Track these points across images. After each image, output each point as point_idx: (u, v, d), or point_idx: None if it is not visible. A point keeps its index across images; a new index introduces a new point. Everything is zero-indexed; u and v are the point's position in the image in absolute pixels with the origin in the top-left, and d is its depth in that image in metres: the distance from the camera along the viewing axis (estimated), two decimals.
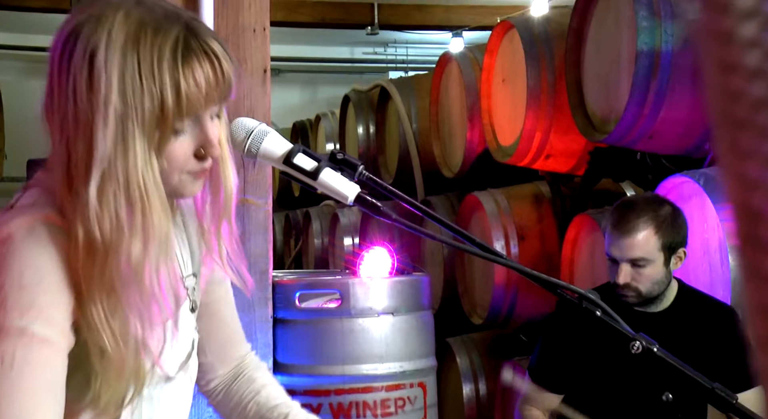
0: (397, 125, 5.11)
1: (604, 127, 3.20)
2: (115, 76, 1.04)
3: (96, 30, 1.06)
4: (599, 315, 1.10)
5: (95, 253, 1.06)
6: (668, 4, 2.91)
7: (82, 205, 1.05)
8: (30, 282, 1.04)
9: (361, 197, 1.18)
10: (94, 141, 1.04)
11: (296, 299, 2.22)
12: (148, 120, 1.05)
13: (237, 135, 1.19)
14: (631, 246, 2.24)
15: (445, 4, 7.47)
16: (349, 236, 5.73)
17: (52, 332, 1.06)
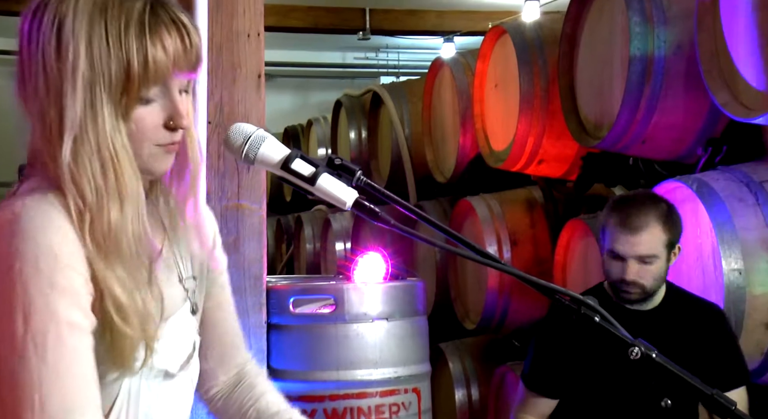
0: (389, 130, 5.11)
1: (597, 132, 3.21)
2: (82, 43, 1.07)
3: (63, 0, 1.09)
4: (598, 320, 1.10)
5: (84, 219, 1.08)
6: (661, 10, 2.92)
7: (66, 175, 1.08)
8: (47, 264, 1.05)
9: (359, 203, 1.18)
10: (64, 107, 1.07)
11: (290, 304, 2.21)
12: (115, 85, 1.07)
13: (235, 140, 1.19)
14: (641, 242, 2.26)
15: (437, 10, 7.48)
16: (341, 241, 5.72)
17: (78, 314, 1.07)
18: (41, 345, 1.04)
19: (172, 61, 1.10)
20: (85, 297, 1.07)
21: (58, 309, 1.05)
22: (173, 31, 1.11)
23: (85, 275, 1.08)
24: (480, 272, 4.01)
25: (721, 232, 2.54)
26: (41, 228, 1.06)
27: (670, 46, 2.91)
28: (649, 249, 2.26)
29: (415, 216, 1.18)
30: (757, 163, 2.77)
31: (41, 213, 1.07)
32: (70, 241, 1.07)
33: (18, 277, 1.04)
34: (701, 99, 2.88)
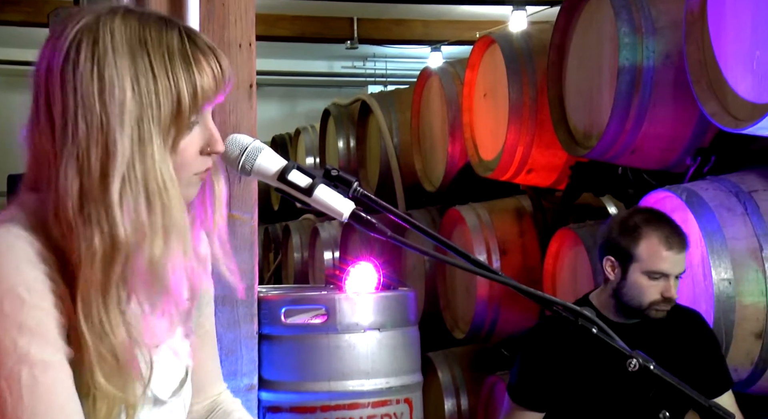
0: (378, 139, 5.12)
1: (586, 141, 3.22)
2: (127, 79, 1.05)
3: (97, 36, 1.06)
4: (596, 332, 1.10)
5: (115, 257, 1.04)
6: (649, 21, 2.94)
7: (100, 212, 1.04)
8: (11, 307, 1.02)
9: (356, 214, 1.18)
10: (111, 146, 1.04)
11: (282, 315, 2.20)
12: (165, 117, 1.06)
13: (231, 151, 1.18)
14: (684, 259, 2.28)
15: (424, 19, 7.51)
16: (329, 250, 5.71)
17: (49, 352, 1.04)
18: (15, 388, 1.01)
19: (214, 89, 1.10)
20: (54, 332, 1.04)
21: (29, 351, 1.02)
22: (211, 58, 1.11)
23: (54, 310, 1.04)
24: (469, 281, 4.02)
25: (711, 242, 2.55)
26: (5, 268, 1.03)
27: (658, 56, 2.92)
28: (685, 265, 2.29)
29: (413, 229, 1.18)
30: (745, 172, 2.79)
31: (7, 250, 1.03)
32: (38, 282, 1.03)
33: None
34: (690, 109, 2.90)
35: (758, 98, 2.46)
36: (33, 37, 6.03)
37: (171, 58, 1.07)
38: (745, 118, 2.47)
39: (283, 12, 6.87)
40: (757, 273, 2.53)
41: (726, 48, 2.60)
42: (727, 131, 2.62)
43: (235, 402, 1.43)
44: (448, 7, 7.07)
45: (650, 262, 2.26)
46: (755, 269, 2.53)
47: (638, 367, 1.06)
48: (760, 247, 2.54)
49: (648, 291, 2.27)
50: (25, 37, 6.48)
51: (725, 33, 2.60)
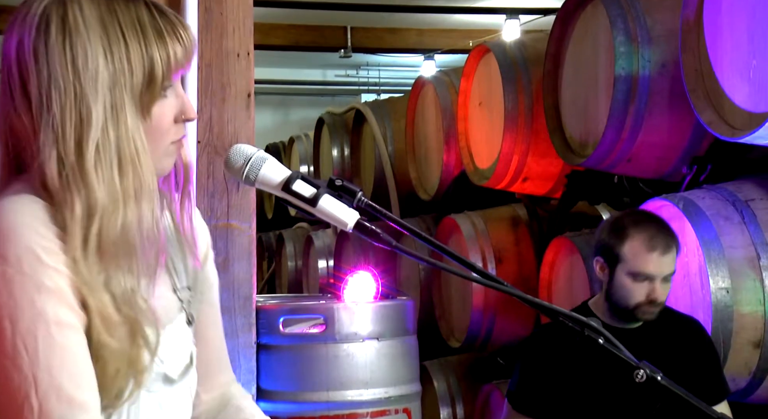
0: (372, 148, 5.12)
1: (582, 150, 3.22)
2: (99, 47, 1.08)
3: (66, 10, 1.09)
4: (602, 342, 1.09)
5: (90, 225, 1.07)
6: (645, 30, 2.95)
7: (77, 177, 1.07)
8: (29, 265, 1.04)
9: (360, 224, 1.17)
10: (85, 113, 1.07)
11: (280, 324, 2.19)
12: (137, 85, 1.09)
13: (235, 162, 1.18)
14: (671, 261, 2.26)
15: (417, 28, 7.52)
16: (323, 259, 5.70)
17: (66, 312, 1.05)
18: (32, 346, 1.03)
19: (184, 54, 1.13)
20: (71, 294, 1.06)
21: (45, 309, 1.04)
22: (180, 27, 1.14)
23: (68, 271, 1.06)
24: (465, 290, 4.01)
25: (708, 251, 2.56)
26: (21, 228, 1.05)
27: (654, 65, 2.93)
28: (673, 267, 2.27)
29: (420, 239, 1.17)
30: (741, 181, 2.80)
31: (20, 214, 1.06)
32: (52, 242, 1.06)
33: (2, 279, 1.03)
34: (686, 118, 2.91)
35: (755, 107, 2.46)
36: None
37: (142, 26, 1.10)
38: (742, 127, 2.48)
39: (278, 21, 6.87)
40: (755, 282, 2.53)
41: (722, 57, 2.61)
42: (724, 140, 2.63)
43: (246, 397, 1.43)
44: (442, 15, 7.08)
45: (634, 263, 2.25)
46: (753, 278, 2.53)
47: (645, 378, 1.06)
48: (757, 256, 2.55)
49: (633, 292, 2.26)
50: None
51: (721, 42, 2.61)
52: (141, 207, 1.09)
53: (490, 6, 6.78)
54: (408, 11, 6.79)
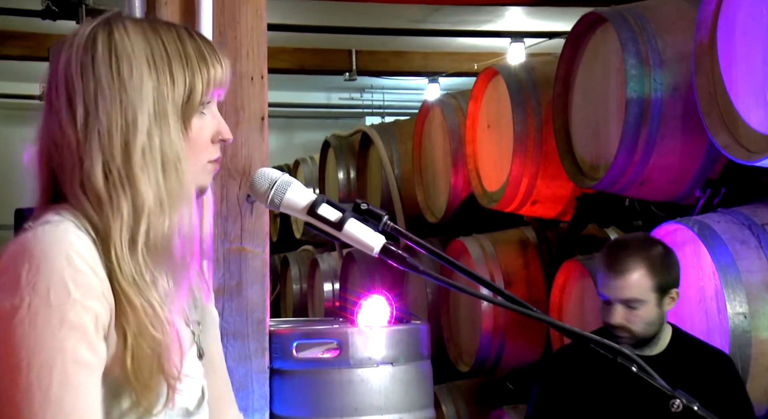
0: (378, 170, 5.10)
1: (593, 173, 3.21)
2: (143, 60, 1.12)
3: (112, 29, 1.14)
4: (635, 370, 1.07)
5: (140, 222, 1.10)
6: (656, 53, 2.95)
7: (124, 180, 1.10)
8: (57, 297, 1.04)
9: (387, 248, 1.15)
10: (132, 119, 1.11)
11: (293, 349, 2.17)
12: (178, 97, 1.13)
13: (260, 186, 1.17)
14: (624, 286, 2.22)
15: (422, 51, 7.54)
16: (329, 282, 5.67)
17: (85, 351, 1.05)
18: (46, 381, 1.02)
19: (223, 78, 1.18)
20: (94, 332, 1.06)
21: (65, 346, 1.03)
22: (218, 52, 1.19)
23: (97, 307, 1.06)
24: (474, 314, 3.98)
25: (725, 275, 2.53)
26: (54, 258, 1.05)
27: (666, 88, 2.92)
28: (633, 293, 2.22)
29: (445, 263, 1.15)
30: (756, 205, 2.77)
31: (56, 242, 1.06)
32: (86, 270, 1.06)
33: (27, 310, 1.03)
34: (698, 140, 2.89)
35: None
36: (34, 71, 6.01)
37: (183, 46, 1.15)
38: (758, 151, 2.46)
39: (284, 45, 6.89)
40: None
41: (736, 80, 2.60)
42: (738, 163, 2.61)
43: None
44: (447, 39, 7.11)
45: (599, 286, 2.28)
46: None
47: (682, 408, 1.03)
48: None
49: (603, 315, 2.27)
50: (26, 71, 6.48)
51: (735, 65, 2.60)
52: (182, 211, 1.12)
53: (495, 29, 6.80)
54: (413, 34, 6.81)
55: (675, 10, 3.08)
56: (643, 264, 2.23)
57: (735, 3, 2.60)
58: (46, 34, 6.05)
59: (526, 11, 6.43)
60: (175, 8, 2.30)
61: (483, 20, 6.66)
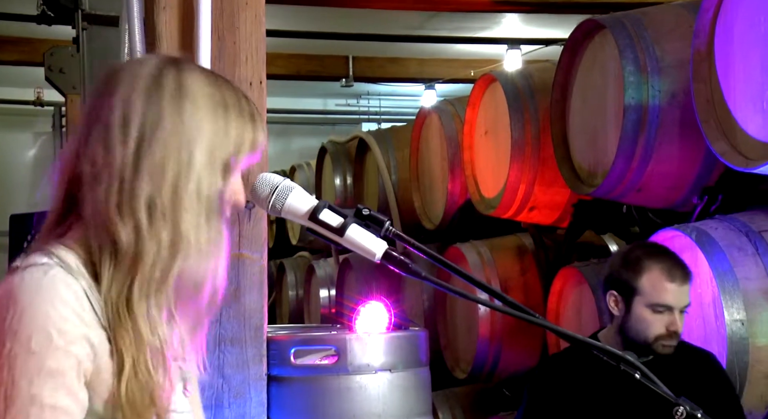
0: (375, 176, 5.10)
1: (591, 180, 3.21)
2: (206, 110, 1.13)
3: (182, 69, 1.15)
4: (638, 377, 1.06)
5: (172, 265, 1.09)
6: (654, 60, 2.95)
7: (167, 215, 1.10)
8: (39, 346, 1.04)
9: (389, 254, 1.15)
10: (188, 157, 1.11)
11: (291, 355, 2.15)
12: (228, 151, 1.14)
13: (261, 191, 1.16)
14: (687, 293, 2.26)
15: (419, 58, 7.55)
16: (325, 288, 5.66)
17: (64, 398, 1.05)
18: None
19: (260, 144, 1.18)
20: (75, 378, 1.06)
21: (42, 393, 1.03)
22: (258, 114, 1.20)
23: (80, 352, 1.06)
24: (470, 320, 3.98)
25: (723, 282, 2.53)
26: (39, 306, 1.04)
27: (664, 95, 2.93)
28: (689, 298, 2.26)
29: (447, 269, 1.15)
30: (754, 212, 2.78)
31: (42, 291, 1.06)
32: (72, 317, 1.05)
33: (7, 356, 1.03)
34: (696, 147, 2.90)
35: None
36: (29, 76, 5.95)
37: (241, 107, 1.15)
38: (757, 158, 2.47)
39: (280, 50, 6.90)
40: None
41: (734, 87, 2.60)
42: (736, 170, 2.61)
43: None
44: (443, 45, 7.12)
45: (654, 295, 2.24)
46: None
47: (686, 415, 1.03)
48: None
49: (653, 325, 2.24)
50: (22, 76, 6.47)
51: (733, 72, 2.60)
52: (218, 260, 1.12)
53: (492, 36, 6.81)
54: (409, 41, 6.82)
55: (672, 18, 3.09)
56: (689, 269, 2.29)
57: (733, 10, 2.61)
58: (42, 39, 6.05)
59: (522, 18, 6.44)
60: (174, 13, 2.29)
61: (480, 27, 6.67)
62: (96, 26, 4.79)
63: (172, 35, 2.28)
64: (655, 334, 2.23)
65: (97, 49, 4.79)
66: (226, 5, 2.31)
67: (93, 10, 4.85)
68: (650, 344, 2.24)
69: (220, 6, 2.30)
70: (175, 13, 2.30)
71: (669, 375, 2.28)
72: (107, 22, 4.57)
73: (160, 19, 2.29)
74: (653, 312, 2.23)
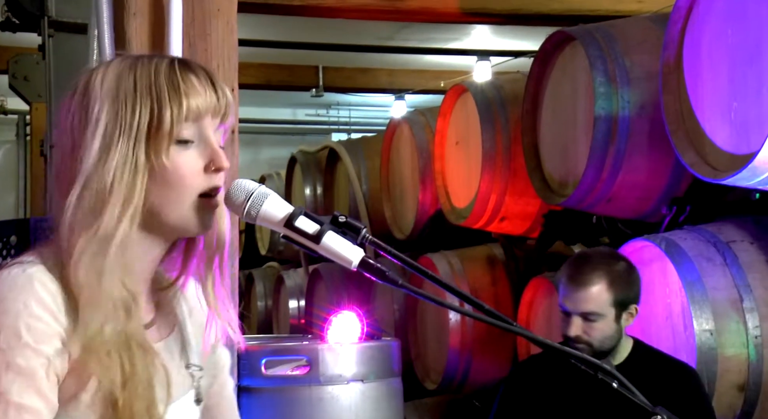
0: (346, 186, 5.09)
1: (562, 190, 3.22)
2: (108, 96, 1.10)
3: (91, 75, 1.13)
4: (616, 386, 1.06)
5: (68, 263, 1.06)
6: (624, 71, 2.98)
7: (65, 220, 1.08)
8: (8, 343, 1.03)
9: (365, 261, 1.14)
10: (81, 156, 1.09)
11: (262, 366, 2.14)
12: (141, 128, 1.09)
13: (236, 197, 1.14)
14: (584, 299, 2.24)
15: (389, 68, 7.56)
16: (294, 299, 5.63)
17: (32, 397, 1.03)
18: None
19: (204, 105, 1.12)
20: (45, 378, 1.04)
21: (10, 389, 1.02)
22: (205, 80, 1.13)
23: (51, 352, 1.04)
24: (441, 331, 3.97)
25: (692, 292, 2.55)
26: (12, 303, 1.04)
27: (633, 106, 2.95)
28: (592, 307, 2.23)
29: (425, 276, 1.14)
30: (721, 222, 2.80)
31: (16, 288, 1.05)
32: (45, 316, 1.04)
33: None
34: (665, 158, 2.92)
35: (737, 149, 2.48)
36: None
37: (156, 78, 1.10)
38: (725, 169, 2.49)
39: (250, 60, 6.86)
40: (738, 324, 2.52)
41: (703, 99, 2.63)
42: (704, 181, 2.64)
43: None
44: (413, 56, 7.13)
45: (560, 298, 2.30)
46: (736, 320, 2.53)
47: None
48: (740, 298, 2.54)
49: (563, 328, 2.28)
50: None
51: (702, 84, 2.64)
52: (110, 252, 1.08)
53: (462, 48, 6.84)
54: (379, 52, 6.82)
55: (640, 31, 3.12)
56: (604, 278, 2.25)
57: (700, 23, 2.64)
58: (6, 46, 5.96)
59: (492, 30, 6.48)
60: (144, 20, 2.27)
61: (450, 38, 6.70)
62: (62, 33, 4.73)
63: (142, 42, 2.25)
64: (565, 335, 2.26)
65: (63, 57, 4.73)
66: (197, 12, 2.29)
67: (59, 17, 4.79)
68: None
69: (192, 13, 2.28)
70: (145, 19, 2.27)
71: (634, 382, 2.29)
72: (74, 29, 4.51)
73: (130, 25, 2.27)
74: (561, 314, 2.27)
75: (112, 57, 2.24)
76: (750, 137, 2.42)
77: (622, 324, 2.28)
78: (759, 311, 2.55)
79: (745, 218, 2.81)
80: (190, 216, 1.12)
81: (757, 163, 2.33)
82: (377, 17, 5.12)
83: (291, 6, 4.14)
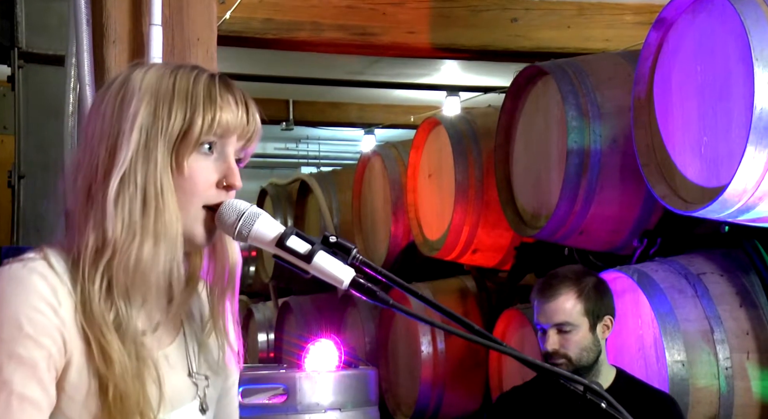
0: (317, 219, 5.09)
1: (535, 222, 3.26)
2: (147, 96, 1.12)
3: (131, 72, 1.16)
4: (605, 407, 1.07)
5: (103, 254, 1.07)
6: (595, 106, 3.04)
7: (98, 209, 1.09)
8: (9, 333, 1.04)
9: (356, 282, 1.14)
10: (117, 148, 1.10)
11: (239, 394, 2.12)
12: (174, 133, 1.12)
13: (228, 217, 1.14)
14: (554, 310, 2.28)
15: (359, 103, 7.61)
16: (263, 332, 5.59)
17: (33, 388, 1.04)
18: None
19: (234, 123, 1.14)
20: (46, 370, 1.05)
21: (12, 379, 1.03)
22: (240, 99, 1.16)
23: (51, 346, 1.05)
24: (413, 363, 3.96)
25: (664, 323, 2.58)
26: (13, 296, 1.05)
27: (605, 140, 3.01)
28: (564, 317, 2.27)
29: (415, 297, 1.15)
30: (692, 255, 2.85)
31: (17, 281, 1.07)
32: (45, 309, 1.05)
33: None
34: (636, 191, 2.97)
35: (707, 182, 2.53)
36: None
37: (195, 88, 1.13)
38: (695, 201, 2.54)
39: None
40: (710, 355, 2.56)
41: (674, 133, 2.69)
42: (675, 214, 2.69)
43: None
44: (384, 91, 7.19)
45: (534, 316, 2.33)
46: (708, 352, 2.56)
47: None
48: (711, 330, 2.58)
49: (540, 344, 2.31)
50: None
51: (672, 119, 2.70)
52: (159, 248, 1.09)
53: (432, 83, 6.91)
54: (350, 86, 6.87)
55: (611, 66, 3.19)
56: (573, 289, 2.31)
57: (670, 60, 2.71)
58: None
59: (461, 65, 6.56)
60: (124, 47, 2.27)
61: (420, 73, 6.77)
62: (33, 64, 4.71)
63: (122, 70, 2.25)
64: (543, 353, 2.29)
65: (33, 87, 4.70)
66: (177, 40, 2.30)
67: (30, 49, 4.77)
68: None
69: (171, 41, 2.29)
70: (125, 46, 2.28)
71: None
72: (45, 60, 4.49)
73: (110, 53, 2.26)
74: (539, 334, 2.31)
75: (91, 85, 2.25)
76: (720, 171, 2.48)
77: (598, 336, 2.31)
78: (729, 343, 2.59)
79: (714, 251, 2.86)
80: (194, 226, 1.13)
81: (727, 196, 2.38)
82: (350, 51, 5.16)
83: (265, 40, 4.18)
